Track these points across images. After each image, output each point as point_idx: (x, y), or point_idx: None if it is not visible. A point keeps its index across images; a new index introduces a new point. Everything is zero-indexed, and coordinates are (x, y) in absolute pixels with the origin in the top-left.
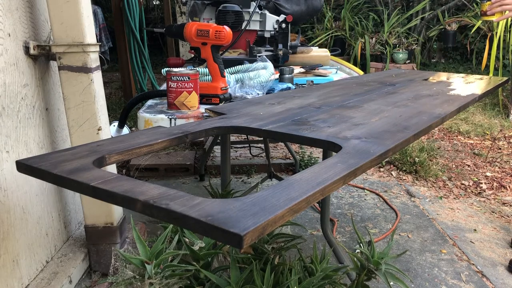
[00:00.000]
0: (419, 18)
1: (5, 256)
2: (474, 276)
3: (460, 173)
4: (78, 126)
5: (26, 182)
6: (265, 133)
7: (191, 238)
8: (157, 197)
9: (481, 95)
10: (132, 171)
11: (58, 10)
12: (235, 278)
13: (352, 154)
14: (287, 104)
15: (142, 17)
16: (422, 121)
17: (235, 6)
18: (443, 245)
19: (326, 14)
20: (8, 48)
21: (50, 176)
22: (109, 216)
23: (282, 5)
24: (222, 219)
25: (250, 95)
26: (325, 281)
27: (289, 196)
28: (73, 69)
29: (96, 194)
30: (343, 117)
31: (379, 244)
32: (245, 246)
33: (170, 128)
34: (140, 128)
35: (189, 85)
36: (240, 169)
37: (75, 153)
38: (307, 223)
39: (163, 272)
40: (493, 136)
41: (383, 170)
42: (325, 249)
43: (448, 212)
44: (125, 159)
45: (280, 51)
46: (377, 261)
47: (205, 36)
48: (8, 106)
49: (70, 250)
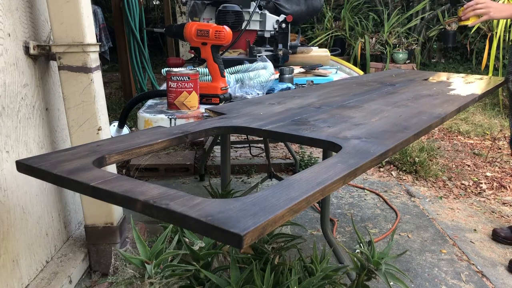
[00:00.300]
0: (419, 18)
1: (5, 256)
2: (474, 276)
3: (460, 173)
4: (78, 126)
5: (26, 182)
6: (265, 133)
7: (191, 238)
8: (157, 197)
9: (481, 95)
10: (132, 171)
11: (58, 10)
12: (235, 278)
13: (352, 154)
14: (287, 104)
15: (142, 17)
16: (422, 121)
17: (235, 6)
18: (443, 245)
19: (326, 14)
20: (8, 48)
21: (50, 176)
22: (109, 216)
23: (282, 5)
24: (222, 219)
25: (250, 95)
26: (325, 281)
27: (289, 196)
28: (73, 69)
29: (96, 194)
30: (343, 117)
31: (379, 244)
32: (245, 246)
33: (170, 128)
34: (140, 128)
35: (189, 85)
36: (240, 169)
37: (75, 153)
38: (307, 223)
39: (163, 272)
40: (493, 136)
41: (383, 170)
42: (325, 249)
43: (448, 212)
44: (125, 159)
45: (280, 51)
46: (377, 261)
47: (205, 36)
48: (8, 106)
49: (70, 250)
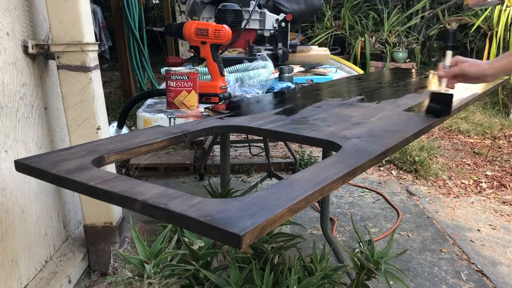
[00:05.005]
0: (419, 17)
1: (4, 256)
2: (474, 275)
3: (460, 172)
4: (77, 125)
5: (25, 181)
6: (264, 132)
7: (190, 237)
8: (156, 197)
9: (481, 93)
10: (131, 170)
11: (57, 9)
12: (234, 278)
13: (351, 153)
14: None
15: (142, 16)
16: (422, 119)
17: (234, 5)
18: (443, 244)
19: (326, 13)
20: (6, 47)
21: (48, 176)
22: (108, 216)
23: (282, 4)
24: (221, 219)
25: (250, 94)
26: (324, 281)
27: (289, 196)
28: (72, 68)
29: (94, 194)
30: (343, 116)
31: (379, 243)
32: (244, 246)
33: (169, 127)
34: (139, 128)
35: (189, 84)
36: (240, 168)
37: (74, 153)
38: (306, 223)
39: (162, 272)
40: (493, 135)
41: (383, 169)
42: (325, 248)
43: (448, 211)
44: (124, 158)
45: (280, 50)
46: (377, 260)
47: (205, 35)
48: (7, 106)
49: (69, 250)
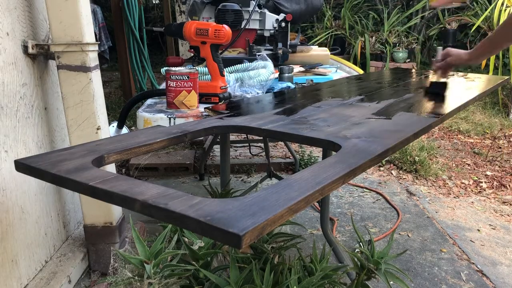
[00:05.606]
0: (419, 17)
1: (4, 256)
2: (474, 275)
3: (460, 172)
4: (77, 125)
5: (25, 181)
6: (264, 132)
7: (190, 237)
8: (156, 197)
9: (481, 94)
10: (131, 170)
11: (57, 9)
12: (234, 278)
13: (351, 153)
14: (287, 103)
15: (142, 16)
16: (422, 119)
17: (234, 5)
18: (443, 244)
19: (326, 13)
20: (6, 47)
21: (48, 176)
22: (108, 216)
23: (282, 4)
24: (221, 219)
25: (250, 94)
26: (324, 281)
27: (289, 196)
28: (72, 68)
29: (94, 193)
30: (343, 116)
31: (379, 243)
32: (244, 246)
33: (169, 127)
34: (139, 128)
35: (189, 84)
36: (240, 168)
37: (74, 153)
38: (306, 222)
39: (162, 272)
40: (493, 135)
41: (383, 169)
42: (325, 248)
43: (448, 211)
44: (124, 158)
45: (280, 50)
46: (377, 260)
47: (205, 35)
48: (7, 106)
49: (69, 250)
